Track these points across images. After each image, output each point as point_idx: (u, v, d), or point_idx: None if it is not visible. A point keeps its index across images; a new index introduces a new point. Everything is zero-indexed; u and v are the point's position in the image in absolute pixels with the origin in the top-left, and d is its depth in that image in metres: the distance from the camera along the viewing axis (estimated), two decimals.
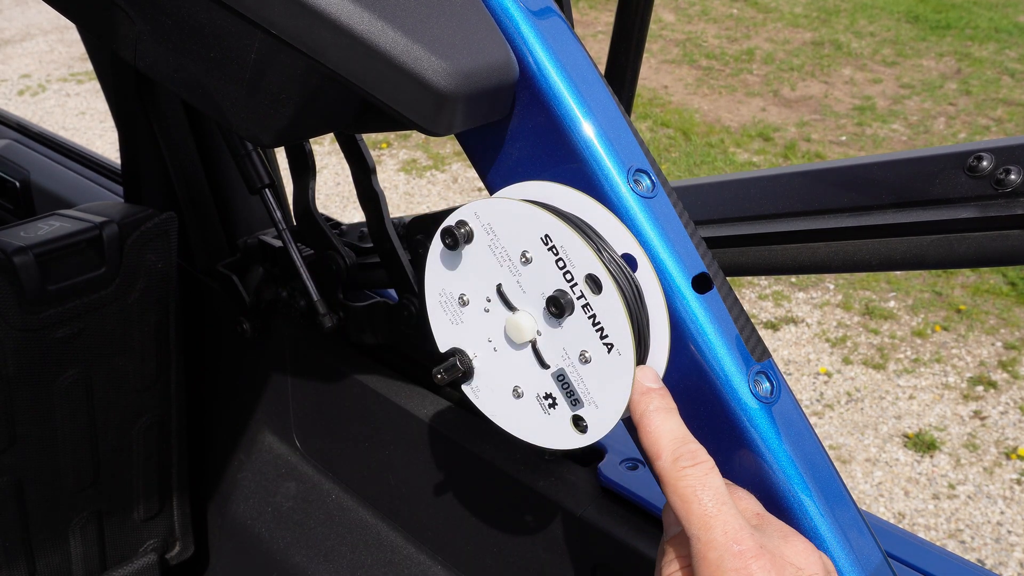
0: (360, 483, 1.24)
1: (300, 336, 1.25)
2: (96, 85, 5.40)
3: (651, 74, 5.95)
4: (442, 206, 4.31)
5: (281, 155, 1.18)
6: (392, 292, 1.15)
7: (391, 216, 0.99)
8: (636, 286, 0.59)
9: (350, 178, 1.01)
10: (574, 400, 0.61)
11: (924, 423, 2.97)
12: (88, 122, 5.40)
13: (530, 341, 0.61)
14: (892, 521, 2.58)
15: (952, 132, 5.06)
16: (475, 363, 0.66)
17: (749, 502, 0.58)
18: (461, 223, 0.62)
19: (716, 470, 0.55)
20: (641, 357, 0.60)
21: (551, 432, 0.63)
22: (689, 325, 0.59)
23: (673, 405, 0.58)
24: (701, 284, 0.60)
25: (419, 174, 4.76)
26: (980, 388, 3.12)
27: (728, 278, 0.66)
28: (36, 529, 1.26)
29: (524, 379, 0.63)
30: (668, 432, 0.56)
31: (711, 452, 0.56)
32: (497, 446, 1.01)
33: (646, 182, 0.62)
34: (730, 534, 0.51)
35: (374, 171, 0.99)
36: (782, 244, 0.76)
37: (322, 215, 1.10)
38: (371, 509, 1.22)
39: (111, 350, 1.24)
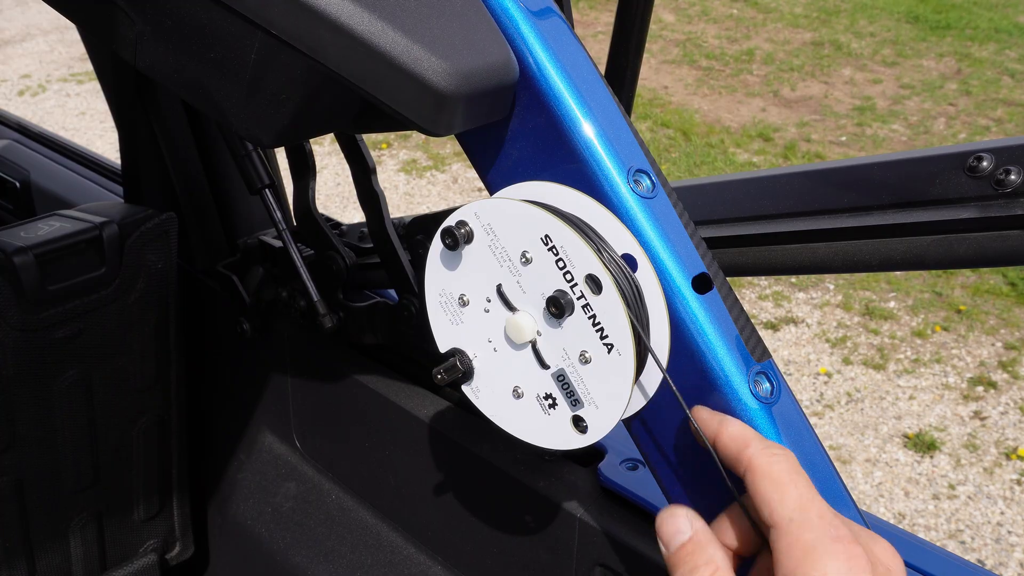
0: (360, 483, 1.24)
1: (300, 336, 1.25)
2: (96, 85, 5.40)
3: (651, 74, 5.95)
4: (442, 206, 4.30)
5: (281, 155, 1.18)
6: (392, 292, 1.15)
7: (391, 216, 0.99)
8: (636, 286, 0.59)
9: (350, 178, 1.01)
10: (574, 400, 0.61)
11: (924, 423, 2.97)
12: (88, 122, 5.40)
13: (530, 341, 0.61)
14: (892, 521, 2.58)
15: (952, 132, 5.06)
16: (475, 363, 0.66)
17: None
18: (461, 223, 0.62)
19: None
20: (641, 357, 0.60)
21: (551, 432, 0.63)
22: (689, 325, 0.59)
23: None
24: (701, 284, 0.60)
25: (419, 174, 4.76)
26: (980, 388, 3.12)
27: (728, 278, 0.66)
28: (36, 529, 1.26)
29: (524, 379, 0.63)
30: (749, 428, 0.56)
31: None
32: (497, 446, 1.01)
33: (646, 182, 0.62)
34: (826, 519, 0.50)
35: (374, 171, 0.99)
36: (782, 244, 0.76)
37: (322, 215, 1.10)
38: (371, 509, 1.22)
39: (111, 350, 1.24)
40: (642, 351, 0.60)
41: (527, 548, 0.99)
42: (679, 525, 0.54)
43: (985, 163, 0.64)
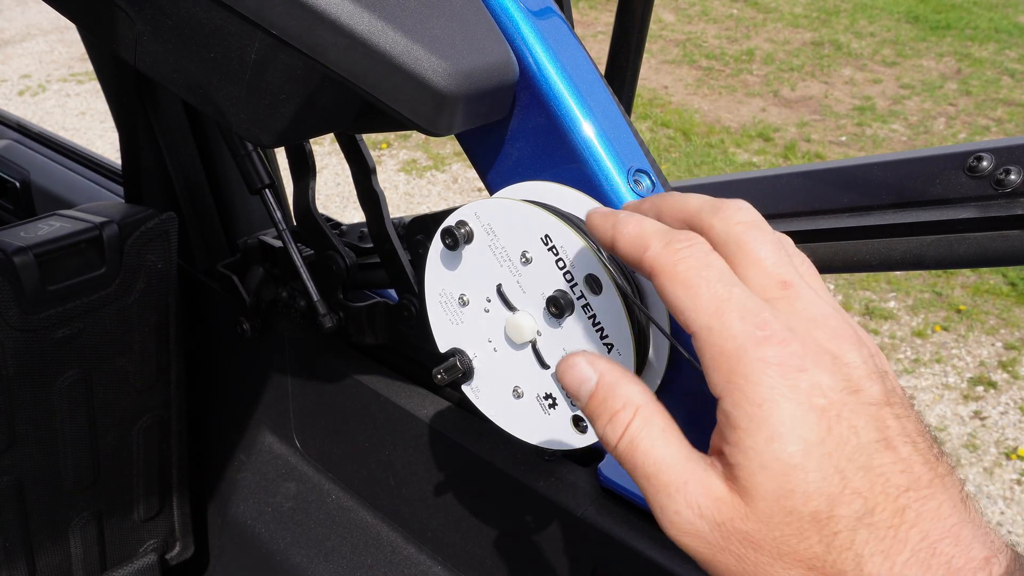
0: (360, 483, 1.24)
1: (300, 336, 1.25)
2: (96, 85, 5.40)
3: (651, 74, 5.95)
4: (442, 206, 4.30)
5: (281, 155, 1.18)
6: (392, 292, 1.15)
7: (391, 216, 0.99)
8: (636, 286, 0.59)
9: (350, 178, 1.01)
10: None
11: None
12: (88, 122, 5.40)
13: (530, 341, 0.61)
14: None
15: (952, 132, 5.06)
16: (475, 363, 0.66)
17: (766, 277, 0.44)
18: (461, 223, 0.62)
19: (715, 251, 0.43)
20: (641, 357, 0.60)
21: (551, 432, 0.63)
22: None
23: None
24: None
25: (419, 174, 4.76)
26: (980, 388, 3.12)
27: None
28: (36, 529, 1.26)
29: (524, 379, 0.63)
30: (652, 224, 0.46)
31: None
32: (497, 446, 1.01)
33: (646, 182, 0.62)
34: (750, 317, 0.40)
35: (374, 171, 0.99)
36: None
37: (322, 215, 1.10)
38: (371, 509, 1.22)
39: (111, 350, 1.24)
40: (642, 351, 0.60)
41: (527, 548, 0.99)
42: (581, 373, 0.46)
43: (985, 163, 0.64)
